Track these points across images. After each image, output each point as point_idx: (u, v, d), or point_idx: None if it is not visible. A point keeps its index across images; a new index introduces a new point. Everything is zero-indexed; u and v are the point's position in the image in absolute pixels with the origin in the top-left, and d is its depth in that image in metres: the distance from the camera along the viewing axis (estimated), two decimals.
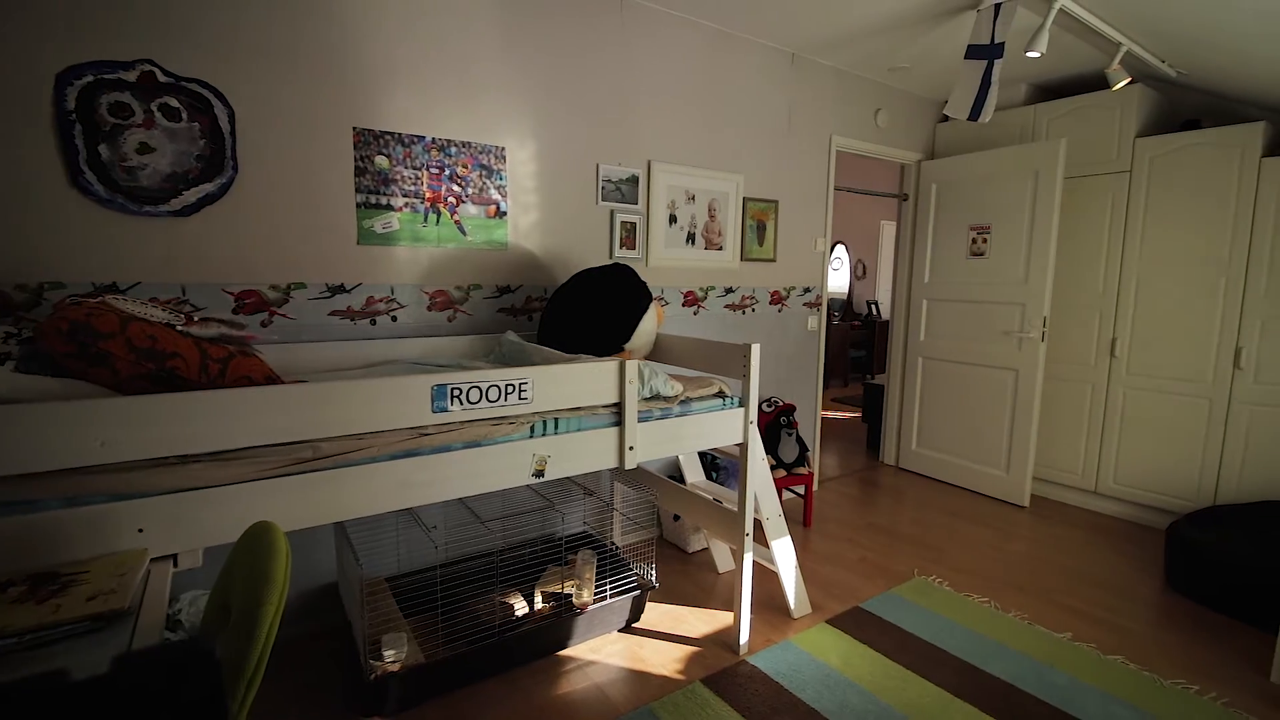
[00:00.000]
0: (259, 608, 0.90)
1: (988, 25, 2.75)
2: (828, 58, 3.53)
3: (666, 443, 2.06)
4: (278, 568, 0.92)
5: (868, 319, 8.04)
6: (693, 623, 2.50)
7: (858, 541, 3.30)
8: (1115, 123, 3.53)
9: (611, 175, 2.84)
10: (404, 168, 2.32)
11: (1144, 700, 2.08)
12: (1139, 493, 3.59)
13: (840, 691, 2.10)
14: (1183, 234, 3.36)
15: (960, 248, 4.06)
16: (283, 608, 0.95)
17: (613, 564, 2.51)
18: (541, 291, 2.73)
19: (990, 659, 2.30)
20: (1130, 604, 2.72)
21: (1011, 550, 3.23)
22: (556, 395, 1.82)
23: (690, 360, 2.42)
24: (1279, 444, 3.12)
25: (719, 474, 3.18)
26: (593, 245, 2.86)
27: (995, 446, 3.95)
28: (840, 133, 3.77)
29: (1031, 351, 3.72)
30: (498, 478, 1.72)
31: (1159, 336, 3.48)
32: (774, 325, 3.64)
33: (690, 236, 3.17)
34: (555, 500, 2.70)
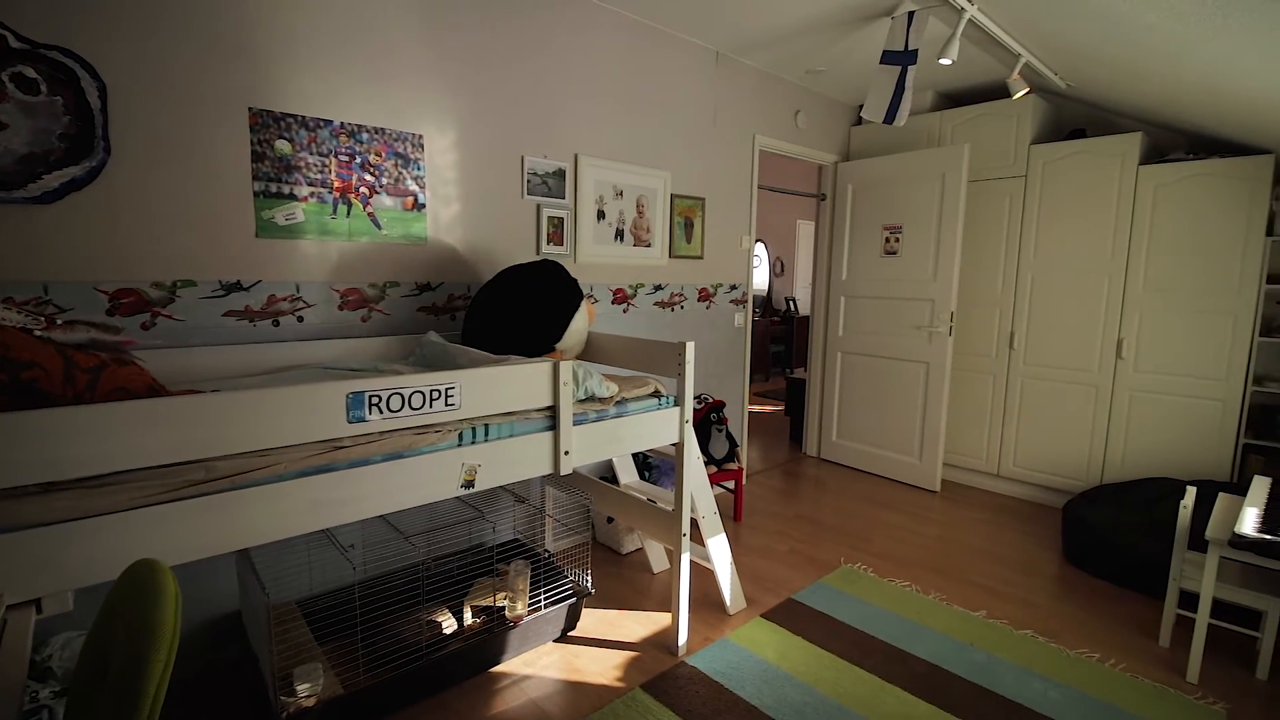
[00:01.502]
0: (144, 664, 0.77)
1: (901, 32, 2.85)
2: (750, 58, 3.56)
3: (603, 445, 2.00)
4: (165, 616, 0.78)
5: (786, 315, 8.29)
6: (630, 626, 2.45)
7: (787, 533, 3.36)
8: (1012, 130, 3.78)
9: (537, 168, 2.74)
10: (309, 154, 2.13)
11: (1054, 671, 2.22)
12: (1037, 474, 3.87)
13: (778, 686, 2.12)
14: (1071, 234, 3.65)
15: (875, 246, 4.23)
16: (173, 660, 0.81)
17: (546, 572, 2.42)
18: (465, 289, 2.59)
19: (915, 642, 2.39)
20: (1034, 580, 2.91)
21: (927, 534, 3.40)
22: (486, 400, 1.71)
23: (624, 359, 2.36)
24: (1155, 426, 3.45)
25: (652, 473, 3.15)
26: (519, 241, 2.74)
27: (909, 435, 4.14)
28: (763, 132, 3.83)
29: (940, 345, 3.93)
30: (424, 491, 1.59)
31: (1052, 329, 3.76)
32: (702, 322, 3.65)
33: (619, 233, 3.12)
34: (484, 509, 2.57)
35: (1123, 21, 2.00)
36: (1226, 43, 1.78)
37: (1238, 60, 1.96)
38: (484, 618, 2.19)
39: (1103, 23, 2.12)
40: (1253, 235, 3.10)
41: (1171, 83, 2.58)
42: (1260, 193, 3.06)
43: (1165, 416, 3.42)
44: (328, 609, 2.13)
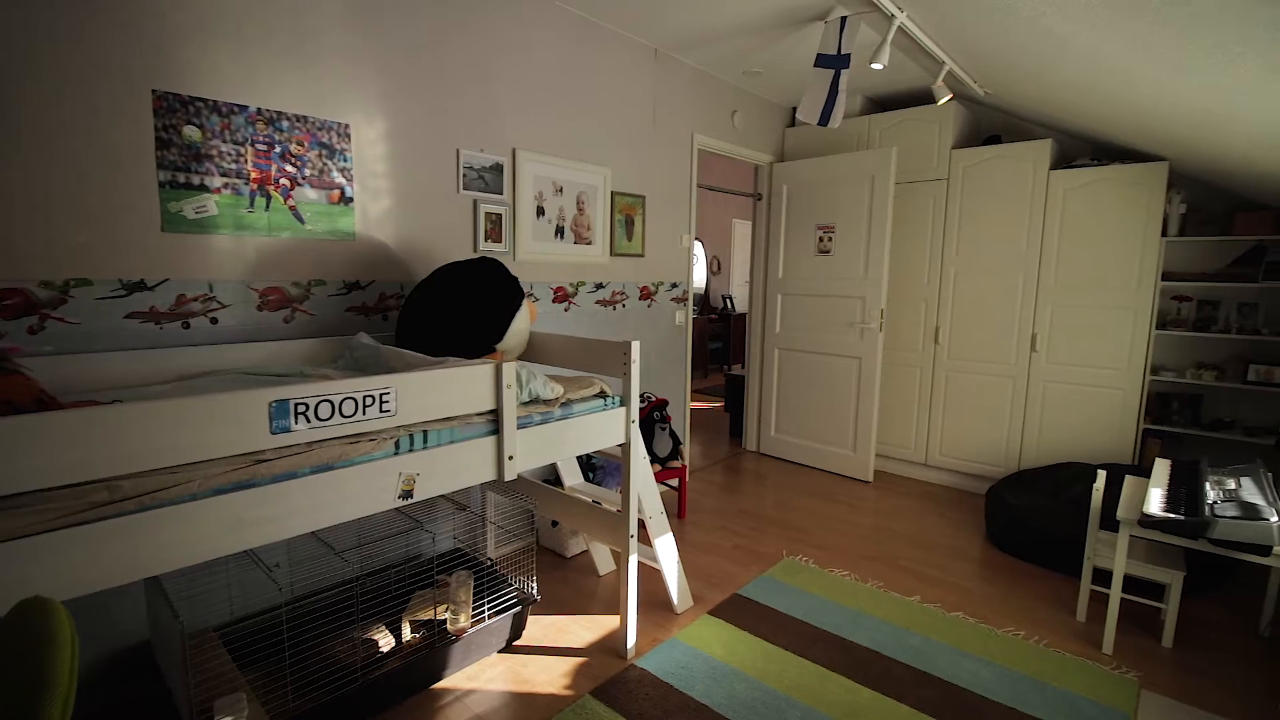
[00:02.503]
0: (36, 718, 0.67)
1: (834, 37, 2.92)
2: (688, 56, 3.57)
3: (548, 449, 1.94)
4: (59, 665, 0.68)
5: (723, 312, 8.42)
6: (577, 632, 2.40)
7: (730, 529, 3.40)
8: (935, 135, 3.95)
9: (474, 162, 2.64)
10: (222, 142, 1.96)
11: (984, 650, 2.33)
12: (962, 462, 4.08)
13: (727, 682, 2.13)
14: (990, 235, 3.85)
15: (809, 245, 4.33)
16: (70, 710, 0.71)
17: (490, 580, 2.34)
18: (398, 288, 2.46)
19: (856, 629, 2.46)
20: (962, 563, 3.06)
21: (863, 524, 3.51)
22: (425, 405, 1.62)
23: (567, 359, 2.31)
24: (1066, 413, 3.69)
25: (596, 474, 3.10)
26: (455, 237, 2.64)
27: (843, 428, 4.27)
28: (701, 131, 3.84)
29: (872, 340, 4.07)
30: (358, 504, 1.50)
31: (973, 325, 3.97)
32: (644, 321, 3.63)
33: (559, 230, 3.05)
34: (422, 519, 2.46)
35: (1041, 32, 2.11)
36: (1136, 55, 1.91)
37: (1141, 71, 2.11)
38: (424, 632, 2.09)
39: (1022, 33, 2.23)
40: (1149, 236, 3.36)
41: (1081, 92, 2.75)
42: (1156, 196, 3.32)
43: (1075, 405, 3.66)
44: (251, 633, 1.98)
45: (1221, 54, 1.63)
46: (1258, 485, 2.25)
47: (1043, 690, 2.12)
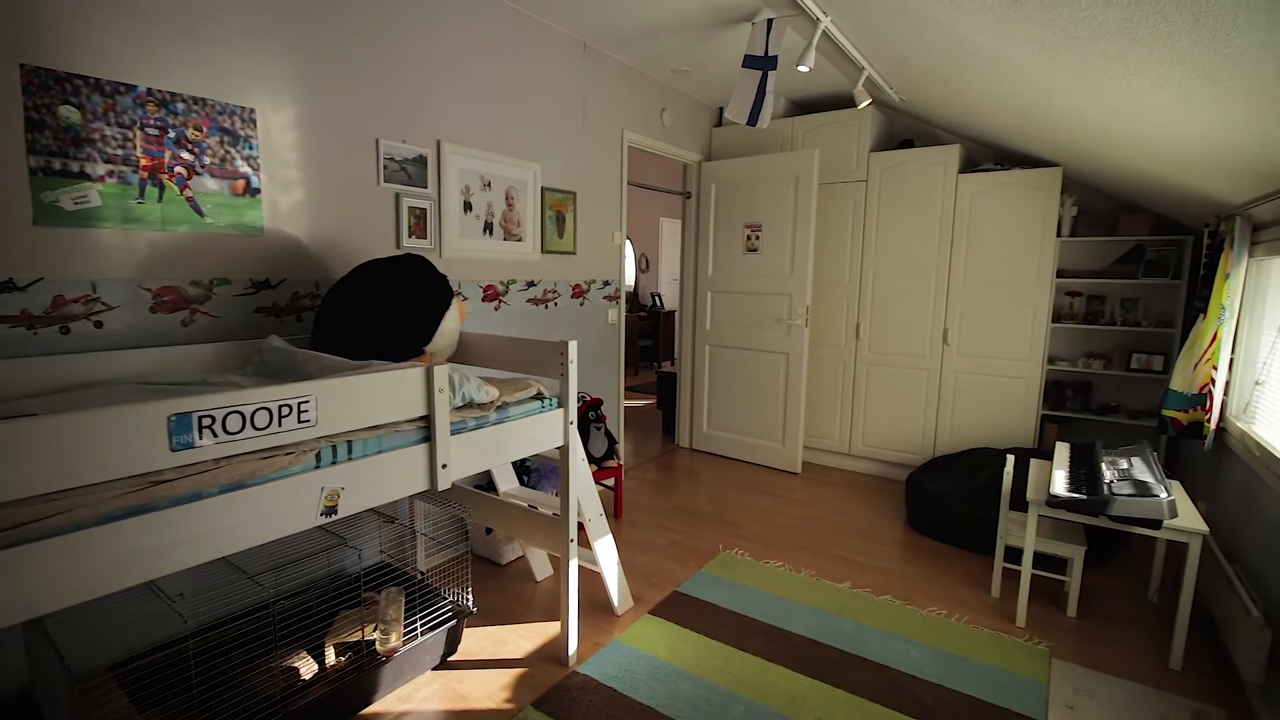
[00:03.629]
0: None
1: (762, 38, 2.96)
2: (618, 51, 3.53)
3: (484, 454, 1.86)
4: None
5: (652, 310, 8.46)
6: (516, 641, 2.33)
7: (667, 526, 3.40)
8: (855, 138, 4.11)
9: (395, 153, 2.50)
10: (106, 124, 1.75)
11: (912, 631, 2.44)
12: (883, 451, 4.27)
13: (670, 682, 2.12)
14: (905, 234, 4.04)
15: (738, 243, 4.41)
16: None
17: (422, 595, 2.23)
18: (313, 286, 2.30)
19: (792, 619, 2.51)
20: (887, 548, 3.20)
21: (794, 514, 3.61)
22: (349, 413, 1.51)
23: (500, 360, 2.23)
24: (975, 402, 3.93)
25: (531, 477, 3.03)
26: (376, 232, 2.49)
27: (772, 422, 4.38)
28: (631, 128, 3.82)
29: (798, 336, 4.19)
30: (275, 525, 1.37)
31: (891, 320, 4.15)
32: (576, 319, 3.58)
33: (488, 226, 2.95)
34: (346, 535, 2.31)
35: (957, 42, 2.22)
36: (1040, 65, 2.04)
37: (1043, 81, 2.25)
38: (351, 655, 1.96)
39: (939, 42, 2.34)
40: (1046, 236, 3.63)
41: (988, 100, 2.93)
42: (1052, 199, 3.59)
43: (983, 394, 3.91)
44: (153, 670, 1.79)
45: (1115, 65, 1.76)
46: (1146, 464, 2.47)
47: (966, 665, 2.24)
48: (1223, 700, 2.06)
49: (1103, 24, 1.52)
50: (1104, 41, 1.61)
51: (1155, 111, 1.97)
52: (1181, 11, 1.27)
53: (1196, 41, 1.37)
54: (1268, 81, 1.40)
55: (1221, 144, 1.97)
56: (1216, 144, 1.99)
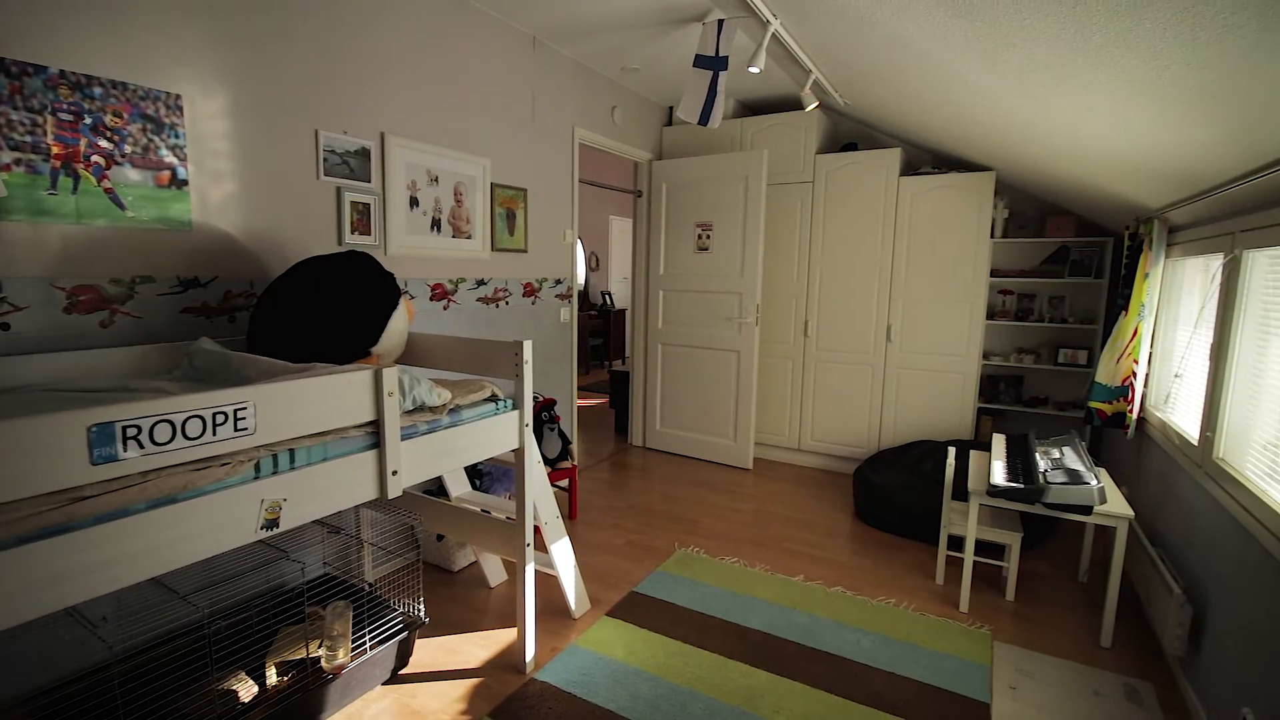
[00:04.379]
0: None
1: (712, 39, 2.98)
2: (567, 47, 3.49)
3: (437, 460, 1.79)
4: None
5: (603, 309, 8.42)
6: (470, 650, 2.27)
7: (622, 526, 3.39)
8: (802, 140, 4.19)
9: (336, 145, 2.38)
10: (12, 108, 1.59)
11: (862, 620, 2.51)
12: (831, 446, 4.38)
13: (630, 683, 2.11)
14: (850, 235, 4.15)
15: (689, 242, 4.43)
16: None
17: (371, 606, 2.13)
18: (247, 285, 2.17)
19: (748, 614, 2.54)
20: (837, 540, 3.28)
21: (747, 510, 3.65)
22: (291, 419, 1.43)
23: (452, 361, 2.16)
24: (917, 397, 4.08)
25: (483, 481, 2.95)
26: (316, 228, 2.37)
27: (724, 419, 4.43)
28: (582, 125, 3.78)
29: (749, 334, 4.24)
30: (211, 541, 1.28)
31: (837, 318, 4.26)
32: (528, 318, 3.51)
33: (436, 223, 2.85)
34: (288, 548, 2.19)
35: (902, 48, 2.29)
36: (983, 73, 2.12)
37: (983, 88, 2.35)
38: (294, 674, 1.86)
39: (885, 47, 2.40)
40: (981, 237, 3.79)
41: (928, 106, 3.03)
42: (985, 202, 3.75)
43: (924, 389, 4.06)
44: (73, 701, 1.65)
45: (1051, 73, 1.84)
46: (1076, 453, 2.61)
47: (915, 652, 2.31)
48: (1150, 674, 2.20)
49: (1041, 34, 1.59)
50: (1042, 51, 1.69)
51: (1086, 119, 2.08)
52: (1115, 24, 1.34)
53: (1127, 53, 1.45)
54: (1189, 92, 1.50)
55: (1145, 151, 2.10)
56: (1140, 151, 2.12)
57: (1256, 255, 1.99)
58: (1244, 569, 1.80)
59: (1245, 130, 1.53)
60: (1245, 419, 2.00)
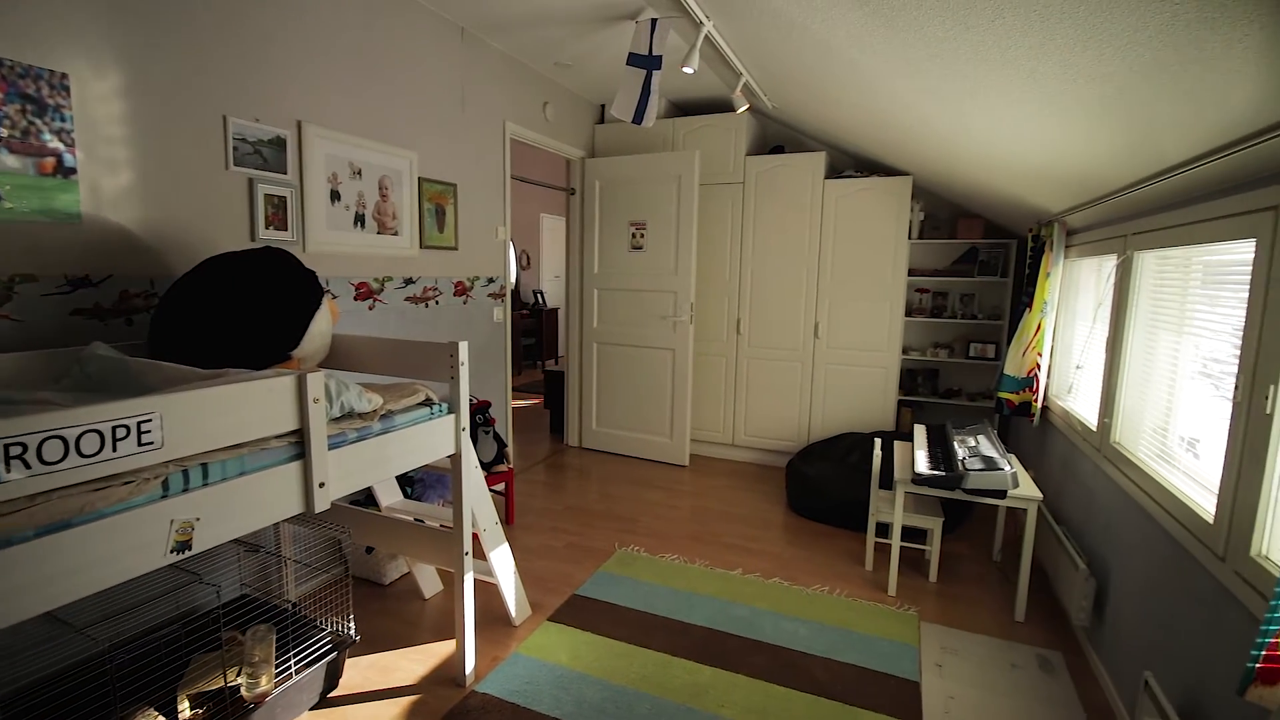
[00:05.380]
0: None
1: (645, 37, 2.98)
2: (497, 40, 3.39)
3: (368, 469, 1.70)
4: None
5: (535, 308, 8.29)
6: (406, 667, 2.17)
7: (561, 528, 3.34)
8: (732, 142, 4.26)
9: (247, 134, 2.21)
10: None
11: (799, 610, 2.58)
12: (764, 440, 4.48)
13: (575, 689, 2.08)
14: (779, 235, 4.26)
15: (623, 241, 4.42)
16: None
17: (295, 627, 2.00)
18: (147, 284, 1.98)
19: (690, 610, 2.56)
20: (772, 532, 3.36)
21: (684, 506, 3.69)
22: (203, 431, 1.31)
23: (381, 365, 2.06)
24: (843, 390, 4.24)
25: (415, 488, 2.83)
26: (225, 222, 2.19)
27: (660, 417, 4.45)
28: (513, 120, 3.69)
29: (684, 332, 4.29)
30: (111, 569, 1.16)
31: (768, 316, 4.37)
32: (460, 318, 3.40)
33: (359, 218, 2.71)
34: (201, 570, 2.02)
35: (829, 54, 2.36)
36: (905, 80, 2.22)
37: (904, 96, 2.46)
38: (209, 706, 1.71)
39: (813, 53, 2.47)
40: (900, 238, 3.98)
41: (853, 111, 3.15)
42: (904, 205, 3.94)
43: (850, 383, 4.22)
44: None
45: (969, 83, 1.95)
46: (990, 441, 2.78)
47: (849, 637, 2.40)
48: (1060, 644, 2.38)
49: (961, 45, 1.67)
50: (962, 62, 1.78)
51: (998, 127, 2.21)
52: (1030, 38, 1.43)
53: (1040, 65, 1.55)
54: (1093, 104, 1.62)
55: (1050, 158, 2.26)
56: (1045, 158, 2.28)
57: (1146, 256, 2.19)
58: (1140, 543, 1.97)
59: (1141, 141, 1.67)
60: (1137, 406, 2.19)
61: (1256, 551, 1.34)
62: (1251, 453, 1.37)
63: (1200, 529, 1.57)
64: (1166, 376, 2.00)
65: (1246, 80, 1.13)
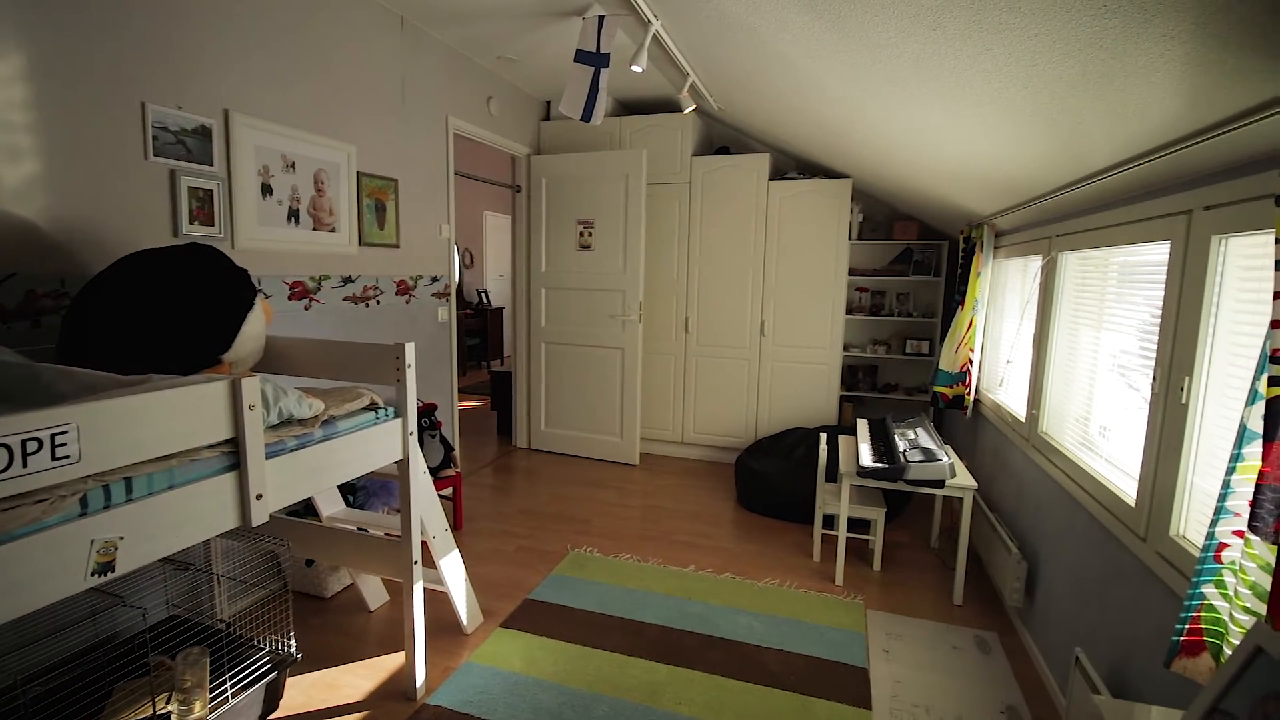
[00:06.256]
0: None
1: (593, 35, 2.95)
2: (439, 31, 3.29)
3: (310, 478, 1.61)
4: None
5: (479, 307, 8.12)
6: (352, 682, 2.08)
7: (511, 532, 3.28)
8: (678, 142, 4.29)
9: (169, 122, 2.06)
10: None
11: (752, 604, 2.62)
12: (713, 437, 4.54)
13: (531, 695, 2.04)
14: (725, 235, 4.32)
15: (571, 240, 4.38)
16: None
17: (230, 649, 1.88)
18: (57, 284, 1.81)
19: (645, 610, 2.56)
20: (723, 528, 3.40)
21: (636, 505, 3.69)
22: (126, 443, 1.21)
23: (320, 368, 1.96)
24: (789, 387, 4.34)
25: (358, 496, 2.72)
26: (145, 216, 2.03)
27: (610, 417, 4.44)
28: (456, 115, 3.59)
29: (633, 331, 4.28)
30: (24, 596, 1.05)
31: (715, 314, 4.42)
32: (403, 318, 3.28)
33: (294, 213, 2.57)
34: (124, 592, 1.86)
35: (776, 57, 2.40)
36: (847, 85, 2.28)
37: (847, 100, 2.53)
38: None
39: (760, 55, 2.51)
40: (840, 239, 4.11)
41: (797, 114, 3.22)
42: (844, 207, 4.06)
43: (795, 379, 4.33)
44: None
45: (909, 90, 2.02)
46: (928, 434, 2.91)
47: (800, 628, 2.45)
48: (995, 625, 2.50)
49: (903, 53, 1.73)
50: (902, 68, 1.84)
51: (934, 133, 2.30)
52: (968, 48, 1.49)
53: (977, 74, 1.62)
54: (1025, 112, 1.71)
55: (980, 163, 2.37)
56: (976, 163, 2.40)
57: (1069, 256, 2.33)
58: (1067, 527, 2.09)
59: (1068, 147, 1.77)
60: (1062, 397, 2.33)
61: (1175, 532, 1.44)
62: (1169, 440, 1.48)
63: (1123, 512, 1.68)
64: (1087, 369, 2.14)
65: (1166, 93, 1.21)
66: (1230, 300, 1.35)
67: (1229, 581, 1.05)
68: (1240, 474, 1.02)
